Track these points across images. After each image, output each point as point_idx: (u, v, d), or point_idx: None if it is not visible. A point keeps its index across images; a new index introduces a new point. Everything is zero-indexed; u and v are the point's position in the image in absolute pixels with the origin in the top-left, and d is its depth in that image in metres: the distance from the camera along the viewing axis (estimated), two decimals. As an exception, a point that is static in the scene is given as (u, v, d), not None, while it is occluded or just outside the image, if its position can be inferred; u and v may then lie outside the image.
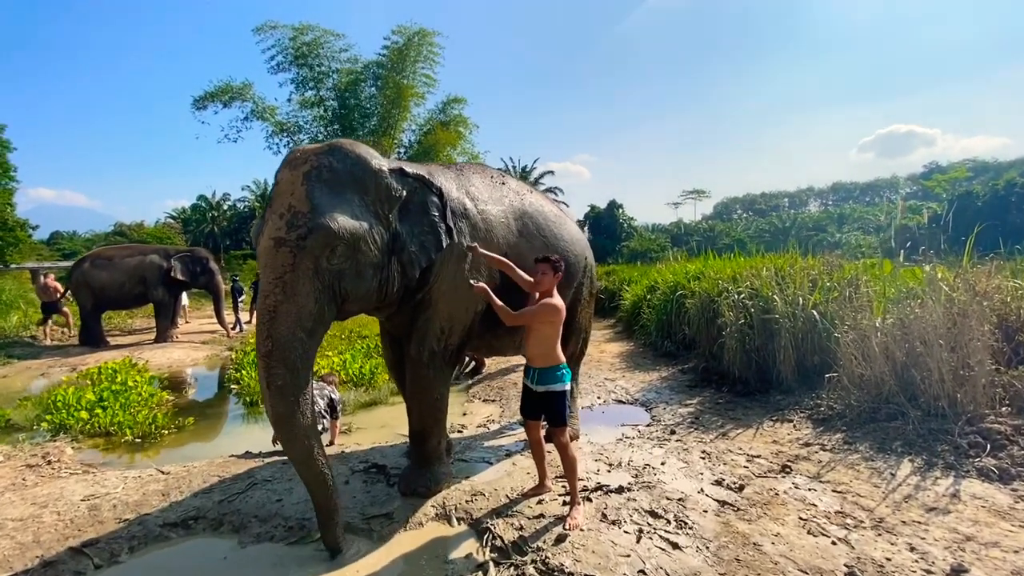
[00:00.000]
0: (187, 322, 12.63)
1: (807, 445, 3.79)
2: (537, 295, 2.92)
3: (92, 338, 9.39)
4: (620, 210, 43.00)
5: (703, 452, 3.80)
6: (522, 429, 4.32)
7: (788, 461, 3.54)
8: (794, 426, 4.20)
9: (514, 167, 37.05)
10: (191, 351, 9.04)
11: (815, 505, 2.91)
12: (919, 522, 2.69)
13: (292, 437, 2.41)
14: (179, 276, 9.72)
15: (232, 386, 6.38)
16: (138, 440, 4.54)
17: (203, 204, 39.60)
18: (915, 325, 3.99)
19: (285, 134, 15.35)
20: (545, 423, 3.05)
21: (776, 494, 3.07)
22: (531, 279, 2.93)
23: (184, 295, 11.61)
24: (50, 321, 10.38)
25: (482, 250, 2.95)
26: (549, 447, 3.18)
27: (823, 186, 73.66)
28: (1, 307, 12.28)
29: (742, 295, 5.69)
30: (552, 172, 39.24)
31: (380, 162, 2.75)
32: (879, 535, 2.59)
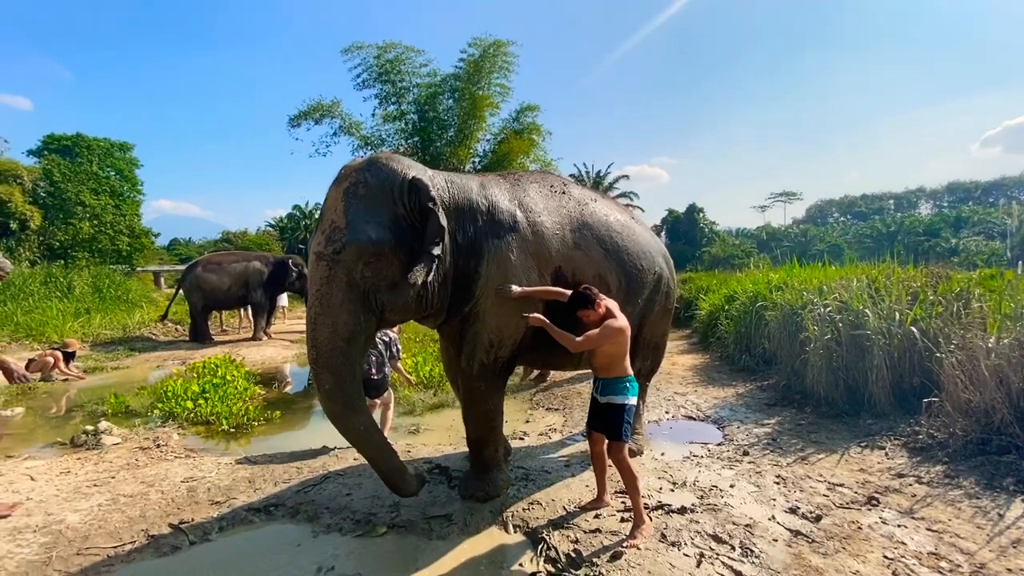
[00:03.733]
0: (284, 322, 13.78)
1: (900, 476, 3.43)
2: (597, 320, 2.81)
3: (200, 335, 10.52)
4: (700, 214, 41.25)
5: (778, 476, 3.56)
6: (584, 441, 4.28)
7: (876, 492, 3.22)
8: (886, 454, 3.81)
9: (587, 173, 36.71)
10: (282, 349, 9.83)
11: (904, 543, 2.63)
12: (1035, 574, 2.35)
13: (347, 430, 2.66)
14: (277, 280, 10.78)
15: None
16: (232, 430, 5.01)
17: (297, 213, 42.89)
18: (1038, 347, 3.50)
19: (369, 147, 16.29)
20: None
21: (859, 528, 2.80)
22: (567, 334, 2.81)
23: (284, 297, 12.70)
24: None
25: (517, 288, 2.90)
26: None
27: (937, 186, 66.23)
28: (128, 305, 14.10)
29: (829, 308, 5.27)
30: (627, 176, 38.40)
31: (412, 174, 2.74)
32: (982, 585, 2.30)
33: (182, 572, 2.58)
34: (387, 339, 4.37)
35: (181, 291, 10.95)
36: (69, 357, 7.46)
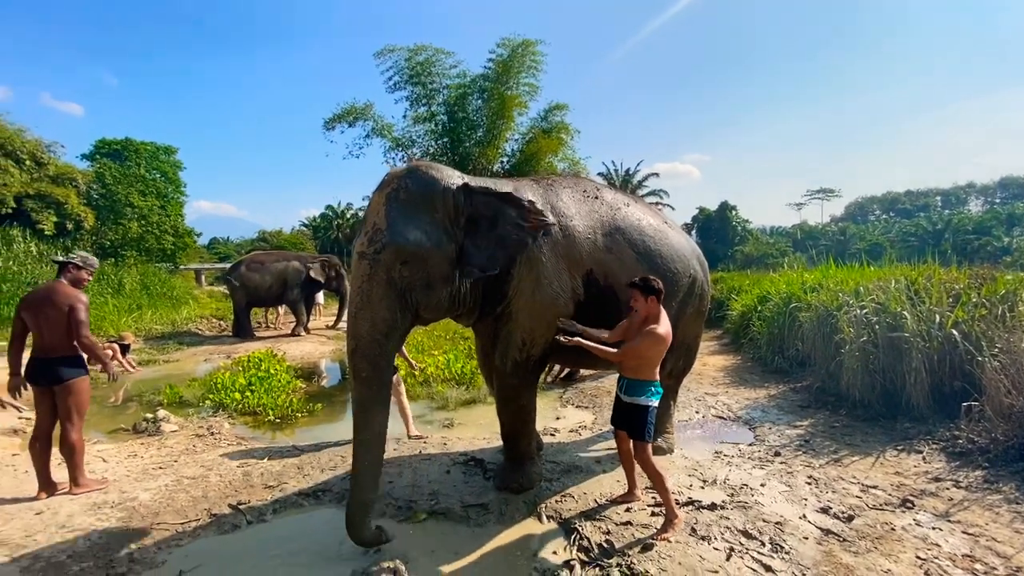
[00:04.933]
0: (320, 319, 14.26)
1: (937, 480, 3.41)
2: (641, 316, 2.87)
3: (242, 330, 11.01)
4: (733, 212, 40.41)
5: (810, 477, 3.58)
6: (614, 438, 4.37)
7: (911, 495, 3.22)
8: (923, 458, 3.78)
9: (616, 171, 36.42)
10: (319, 345, 10.21)
11: (938, 545, 2.64)
12: (1074, 580, 2.34)
13: (365, 422, 2.68)
14: (316, 278, 11.26)
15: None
16: (278, 420, 5.30)
17: (330, 213, 43.99)
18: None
19: (400, 149, 16.64)
20: None
21: (892, 528, 2.82)
22: (606, 346, 2.90)
23: (320, 295, 13.16)
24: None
25: (566, 324, 3.01)
26: None
27: (988, 181, 63.01)
28: (173, 302, 14.82)
29: (866, 310, 5.20)
30: (657, 174, 37.77)
31: (450, 181, 2.91)
32: (1018, 588, 2.30)
33: (242, 549, 2.79)
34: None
35: (228, 288, 11.51)
36: (125, 349, 7.95)
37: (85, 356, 3.39)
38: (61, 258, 3.51)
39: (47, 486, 3.32)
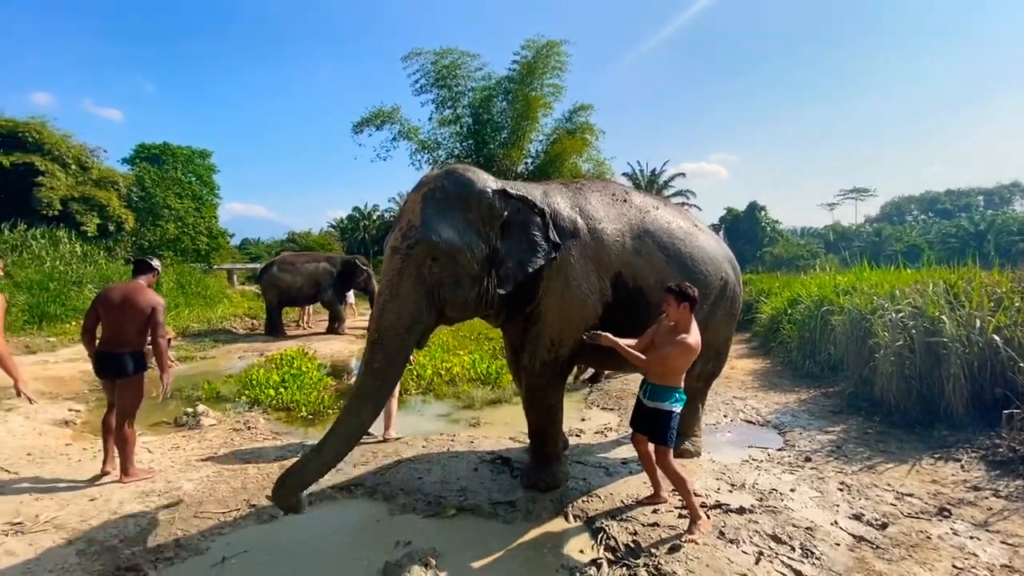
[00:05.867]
0: (354, 317, 14.55)
1: (976, 489, 3.32)
2: (670, 322, 2.86)
3: (274, 329, 11.32)
4: (762, 212, 39.57)
5: (842, 483, 3.52)
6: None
7: (948, 504, 3.14)
8: (962, 466, 3.68)
9: (641, 171, 36.10)
10: (348, 343, 10.43)
11: (976, 555, 2.58)
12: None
13: (357, 412, 2.68)
14: (345, 280, 11.54)
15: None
16: (310, 416, 5.45)
17: (357, 214, 44.81)
18: None
19: (426, 151, 16.87)
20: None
21: (927, 537, 2.77)
22: (636, 352, 2.85)
23: (351, 294, 13.43)
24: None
25: (592, 336, 2.87)
26: None
27: (1035, 180, 60.13)
28: (207, 300, 15.34)
29: (901, 314, 5.07)
30: (683, 174, 37.26)
31: (486, 184, 3.00)
32: (1062, 601, 2.24)
33: (280, 539, 2.91)
34: None
35: (260, 288, 11.86)
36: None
37: (144, 354, 3.59)
38: (146, 260, 3.71)
39: (111, 463, 3.59)
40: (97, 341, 3.56)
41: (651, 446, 3.02)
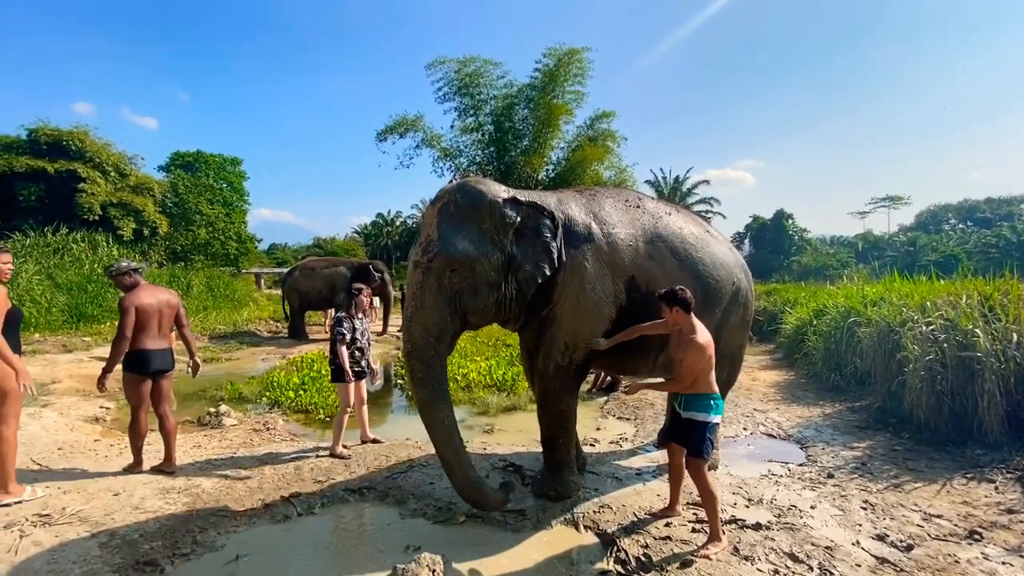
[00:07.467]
0: (375, 322, 14.72)
1: (1010, 512, 3.16)
2: (677, 328, 2.87)
3: (297, 332, 11.54)
4: (789, 221, 38.74)
5: (865, 502, 3.40)
6: (655, 451, 4.30)
7: (980, 527, 3.00)
8: (996, 487, 3.51)
9: (664, 179, 35.75)
10: (367, 348, 10.54)
11: (1008, 582, 2.45)
12: None
13: (433, 420, 2.91)
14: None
15: (399, 380, 7.34)
16: (328, 419, 5.52)
17: (380, 220, 45.51)
18: None
19: (448, 159, 17.06)
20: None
21: (956, 561, 2.64)
22: (667, 380, 3.03)
23: (375, 299, 13.58)
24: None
25: (603, 341, 3.15)
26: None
27: (1083, 188, 57.12)
28: (234, 303, 15.74)
29: (932, 327, 4.88)
30: (707, 181, 36.67)
31: (496, 194, 3.09)
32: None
33: (292, 539, 2.95)
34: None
35: (283, 292, 12.08)
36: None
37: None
38: (136, 265, 3.78)
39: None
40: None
41: (684, 457, 2.97)
